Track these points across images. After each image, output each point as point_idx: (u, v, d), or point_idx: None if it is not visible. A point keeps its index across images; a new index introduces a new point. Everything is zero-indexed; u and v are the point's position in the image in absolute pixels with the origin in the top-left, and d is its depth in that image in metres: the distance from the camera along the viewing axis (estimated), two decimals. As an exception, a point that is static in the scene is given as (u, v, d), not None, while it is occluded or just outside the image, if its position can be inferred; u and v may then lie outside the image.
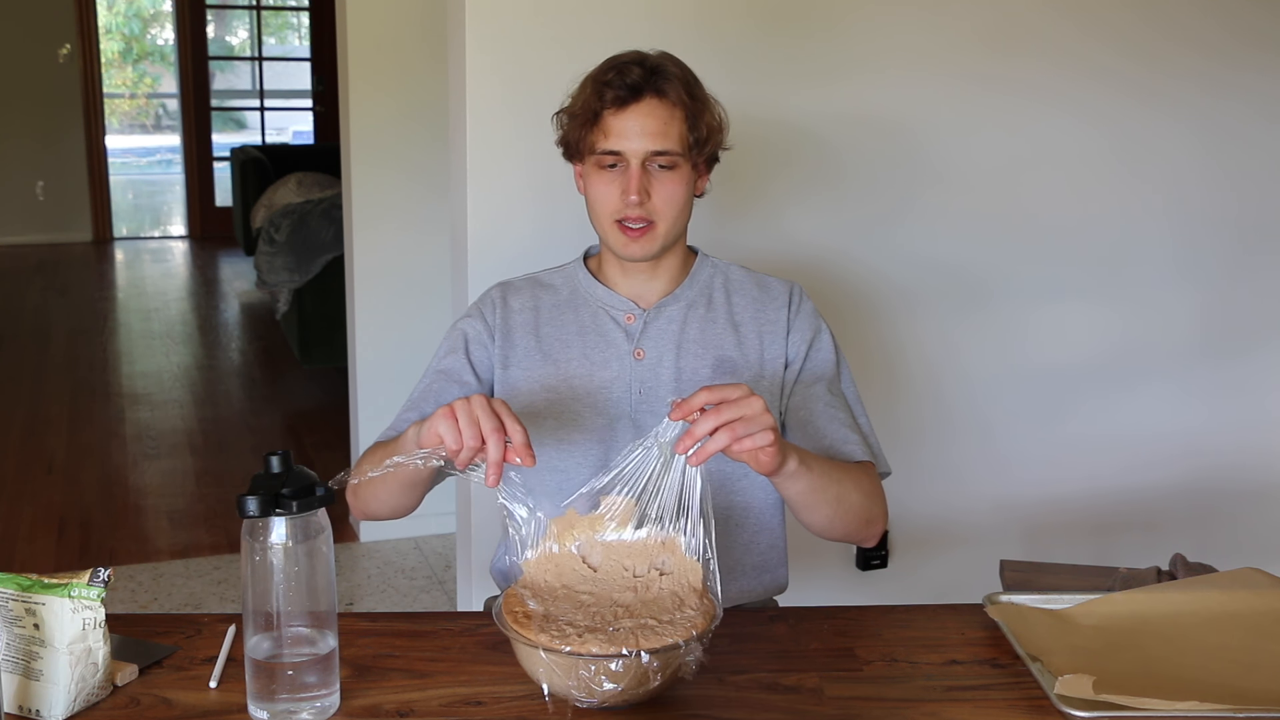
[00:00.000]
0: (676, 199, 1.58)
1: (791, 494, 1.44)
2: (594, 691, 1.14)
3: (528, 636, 1.17)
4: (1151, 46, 2.74)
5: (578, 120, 1.59)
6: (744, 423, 1.26)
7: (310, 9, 8.85)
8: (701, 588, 1.25)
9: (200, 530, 3.66)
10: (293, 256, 4.70)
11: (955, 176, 2.66)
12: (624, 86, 1.55)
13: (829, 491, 1.46)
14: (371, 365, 3.57)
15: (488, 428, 1.25)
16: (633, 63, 1.57)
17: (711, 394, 1.27)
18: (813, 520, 1.51)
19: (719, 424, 1.25)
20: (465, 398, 1.28)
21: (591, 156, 1.58)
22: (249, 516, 1.14)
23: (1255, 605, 1.41)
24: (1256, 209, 2.90)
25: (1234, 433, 2.98)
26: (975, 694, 1.26)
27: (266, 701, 1.17)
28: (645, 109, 1.55)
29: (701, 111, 1.59)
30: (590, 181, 1.60)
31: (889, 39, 2.55)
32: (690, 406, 1.26)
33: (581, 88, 1.60)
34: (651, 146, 1.55)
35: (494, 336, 1.66)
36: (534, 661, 1.17)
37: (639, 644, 1.14)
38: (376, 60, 3.42)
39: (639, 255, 1.60)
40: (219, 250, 8.44)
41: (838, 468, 1.51)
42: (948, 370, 2.75)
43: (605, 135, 1.56)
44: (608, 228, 1.60)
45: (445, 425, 1.26)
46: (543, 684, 1.18)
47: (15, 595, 1.17)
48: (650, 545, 1.28)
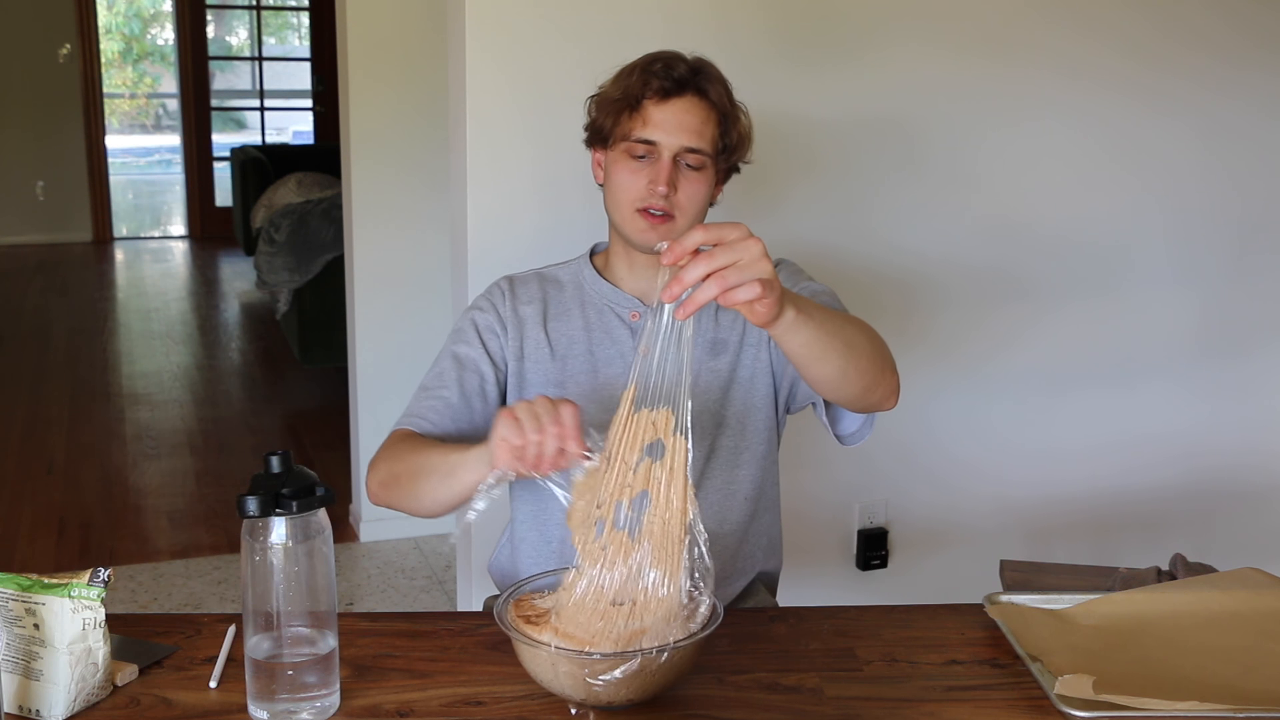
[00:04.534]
0: (699, 198, 1.59)
1: (795, 348, 1.29)
2: (597, 690, 1.15)
3: (531, 637, 1.17)
4: (1154, 46, 2.74)
5: (616, 106, 1.58)
6: (736, 270, 1.13)
7: (310, 9, 8.85)
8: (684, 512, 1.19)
9: (200, 530, 3.66)
10: (293, 256, 4.70)
11: (958, 178, 2.66)
12: (670, 79, 1.56)
13: (836, 339, 1.32)
14: (371, 365, 3.57)
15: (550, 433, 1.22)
16: (678, 59, 1.58)
17: (708, 233, 1.14)
18: (825, 374, 1.36)
19: (710, 270, 1.12)
20: (527, 402, 1.25)
21: (623, 144, 1.58)
22: (249, 516, 1.13)
23: (1255, 605, 1.41)
24: (1259, 209, 2.90)
25: (1234, 433, 2.98)
26: (975, 694, 1.26)
27: (266, 701, 1.17)
28: (686, 104, 1.56)
29: (735, 119, 1.61)
30: (615, 169, 1.60)
31: (893, 40, 2.55)
32: (683, 248, 1.13)
33: (622, 75, 1.60)
34: (687, 142, 1.56)
35: (506, 328, 1.66)
36: (539, 662, 1.17)
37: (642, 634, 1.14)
38: (376, 60, 3.42)
39: (655, 243, 1.60)
40: (219, 250, 8.44)
41: (838, 315, 1.39)
42: (948, 370, 2.75)
43: (644, 123, 1.56)
44: (628, 215, 1.59)
45: (510, 429, 1.23)
46: (559, 688, 1.17)
47: (15, 595, 1.17)
48: (642, 422, 1.21)
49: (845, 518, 2.76)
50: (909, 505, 2.78)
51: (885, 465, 2.71)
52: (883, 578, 2.79)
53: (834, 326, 1.32)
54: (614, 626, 1.17)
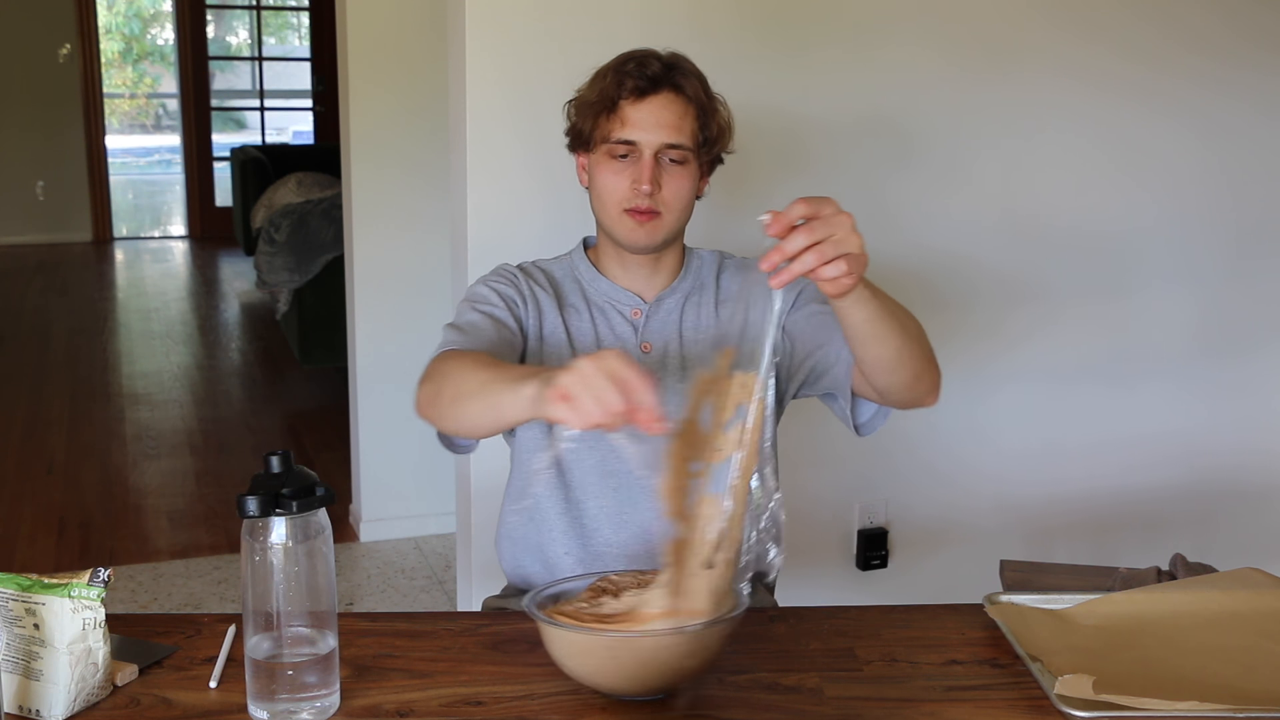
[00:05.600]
0: (684, 193, 1.60)
1: (858, 320, 1.35)
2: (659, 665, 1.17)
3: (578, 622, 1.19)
4: (1152, 47, 2.74)
5: (593, 109, 1.59)
6: (832, 244, 1.20)
7: (310, 9, 8.85)
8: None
9: (200, 530, 3.66)
10: (293, 256, 4.70)
11: (955, 178, 2.66)
12: (644, 78, 1.56)
13: (895, 319, 1.39)
14: (371, 365, 3.57)
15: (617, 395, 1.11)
16: (651, 56, 1.59)
17: (808, 206, 1.20)
18: (881, 353, 1.41)
19: (811, 242, 1.19)
20: (597, 356, 1.13)
21: (604, 145, 1.59)
22: (249, 516, 1.13)
23: (1255, 605, 1.41)
24: (1258, 210, 2.90)
25: (1234, 433, 2.98)
26: (975, 694, 1.26)
27: (266, 701, 1.17)
28: (663, 101, 1.57)
29: (713, 112, 1.61)
30: (599, 171, 1.61)
31: (883, 39, 2.55)
32: (787, 220, 1.20)
33: (597, 78, 1.61)
34: (666, 139, 1.56)
35: (526, 304, 1.63)
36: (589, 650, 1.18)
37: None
38: (376, 60, 3.42)
39: (644, 242, 1.60)
40: (219, 250, 8.44)
41: (892, 300, 1.43)
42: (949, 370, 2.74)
43: (622, 124, 1.57)
44: (615, 216, 1.60)
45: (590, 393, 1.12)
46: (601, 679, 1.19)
47: (15, 595, 1.17)
48: (735, 385, 1.22)
49: (845, 517, 2.76)
50: (909, 505, 2.78)
51: (885, 465, 2.71)
52: (883, 578, 2.79)
53: (894, 308, 1.40)
54: (708, 585, 1.19)
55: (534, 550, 1.65)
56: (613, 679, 1.19)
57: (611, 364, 1.12)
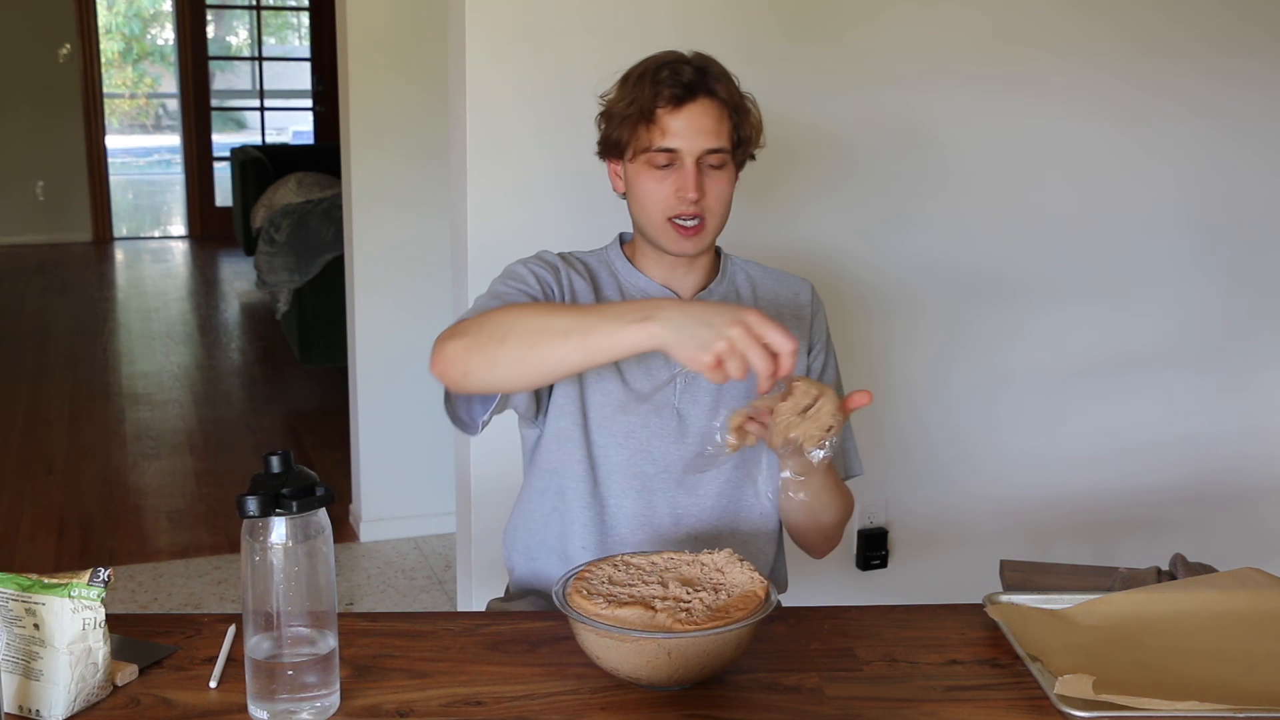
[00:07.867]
0: (725, 196, 1.60)
1: (797, 488, 1.50)
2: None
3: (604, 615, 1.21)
4: (1164, 42, 2.73)
5: (630, 119, 1.58)
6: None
7: (310, 9, 8.86)
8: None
9: (200, 530, 3.66)
10: (293, 256, 4.71)
11: (965, 177, 2.66)
12: (679, 85, 1.55)
13: (826, 511, 1.58)
14: (371, 365, 3.57)
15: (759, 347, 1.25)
16: (681, 61, 1.58)
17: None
18: (795, 520, 1.62)
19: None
20: (745, 320, 1.24)
21: (643, 155, 1.58)
22: (249, 516, 1.13)
23: (1255, 605, 1.41)
24: (1259, 211, 2.90)
25: (1234, 433, 2.98)
26: (975, 694, 1.26)
27: (266, 701, 1.17)
28: (700, 108, 1.56)
29: (746, 112, 1.62)
30: (639, 180, 1.59)
31: (902, 40, 2.55)
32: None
33: (629, 87, 1.59)
34: (707, 145, 1.56)
35: (563, 289, 1.63)
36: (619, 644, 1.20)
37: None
38: (376, 59, 3.42)
39: (691, 252, 1.61)
40: (219, 250, 8.44)
41: (832, 488, 1.57)
42: (951, 369, 2.75)
43: (663, 133, 1.56)
44: (660, 225, 1.59)
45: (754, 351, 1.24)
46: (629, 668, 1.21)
47: (15, 595, 1.17)
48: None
49: (845, 518, 2.75)
50: (909, 505, 2.78)
51: (885, 465, 2.71)
52: (883, 578, 2.79)
53: (833, 500, 1.58)
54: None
55: (552, 541, 1.66)
56: (660, 674, 1.21)
57: (765, 331, 1.23)
